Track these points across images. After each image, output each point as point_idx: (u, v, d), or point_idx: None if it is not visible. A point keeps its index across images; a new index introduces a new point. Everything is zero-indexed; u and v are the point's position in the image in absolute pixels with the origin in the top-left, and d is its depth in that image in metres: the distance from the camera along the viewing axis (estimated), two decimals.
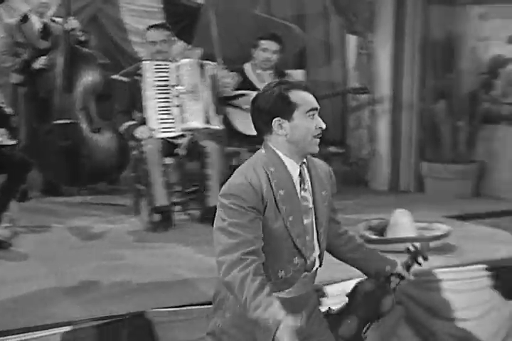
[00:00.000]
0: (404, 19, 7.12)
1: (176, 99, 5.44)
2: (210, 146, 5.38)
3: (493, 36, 6.92)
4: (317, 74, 8.71)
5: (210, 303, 2.70)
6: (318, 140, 2.57)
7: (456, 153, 6.99)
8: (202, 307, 3.57)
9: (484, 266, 4.38)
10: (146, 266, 4.40)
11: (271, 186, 2.48)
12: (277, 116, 2.51)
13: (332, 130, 9.04)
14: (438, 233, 4.72)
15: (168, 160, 5.42)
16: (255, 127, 2.60)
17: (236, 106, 5.80)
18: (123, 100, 5.54)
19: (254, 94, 5.67)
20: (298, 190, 2.56)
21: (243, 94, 5.80)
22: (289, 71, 6.29)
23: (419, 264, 2.82)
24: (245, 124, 5.78)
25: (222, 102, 5.79)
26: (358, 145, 7.53)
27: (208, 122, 5.52)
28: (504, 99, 6.85)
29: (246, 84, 5.86)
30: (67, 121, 6.04)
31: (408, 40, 7.16)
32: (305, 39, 7.73)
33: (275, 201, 2.48)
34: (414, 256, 2.80)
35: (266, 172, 2.50)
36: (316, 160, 2.72)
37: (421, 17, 7.14)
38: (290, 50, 6.60)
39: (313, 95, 2.58)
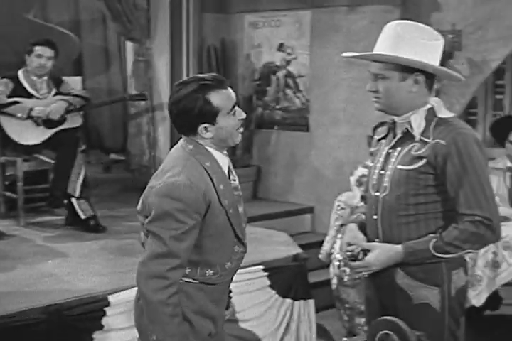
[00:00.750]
0: (180, 26, 7.22)
1: None
2: None
3: (264, 44, 7.19)
4: (95, 81, 8.63)
5: None
6: (241, 129, 2.58)
7: (234, 157, 7.19)
8: None
9: (261, 266, 4.54)
10: None
11: (212, 182, 2.47)
12: (203, 123, 2.48)
13: (112, 137, 9.01)
14: None
15: None
16: (177, 127, 2.57)
17: (9, 114, 5.59)
18: None
19: (28, 101, 5.61)
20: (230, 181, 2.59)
21: (17, 102, 5.61)
22: (65, 78, 6.16)
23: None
24: (19, 133, 5.60)
25: None
26: (139, 152, 7.51)
27: None
28: (275, 105, 7.15)
29: (20, 91, 5.68)
30: None
31: (185, 47, 7.27)
32: (81, 45, 7.63)
33: (218, 197, 2.48)
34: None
35: (204, 168, 2.48)
36: None
37: (196, 25, 7.27)
38: (66, 57, 6.48)
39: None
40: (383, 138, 2.83)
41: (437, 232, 2.56)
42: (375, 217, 2.69)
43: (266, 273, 4.55)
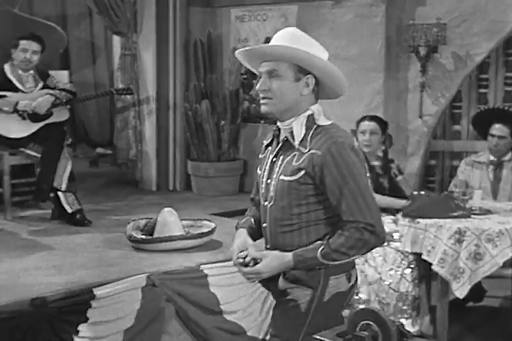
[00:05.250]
0: (166, 20, 7.23)
1: None
2: None
3: (251, 38, 7.21)
4: (82, 74, 8.64)
5: None
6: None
7: (220, 151, 7.22)
8: None
9: None
10: None
11: None
12: None
13: (99, 131, 9.03)
14: (205, 230, 4.85)
15: None
16: None
17: None
18: None
19: (14, 95, 5.62)
20: None
21: (4, 96, 5.62)
22: (52, 72, 6.16)
23: None
24: (6, 127, 5.61)
25: None
26: (126, 146, 7.53)
27: None
28: None
29: (6, 85, 5.69)
30: None
31: (171, 41, 7.28)
32: (68, 39, 7.62)
33: None
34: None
35: None
36: None
37: (182, 19, 7.29)
38: (52, 51, 6.46)
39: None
40: (269, 144, 2.78)
41: (324, 239, 2.57)
42: (264, 225, 2.72)
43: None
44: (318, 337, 2.35)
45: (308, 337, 2.56)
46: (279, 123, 2.68)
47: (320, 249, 2.53)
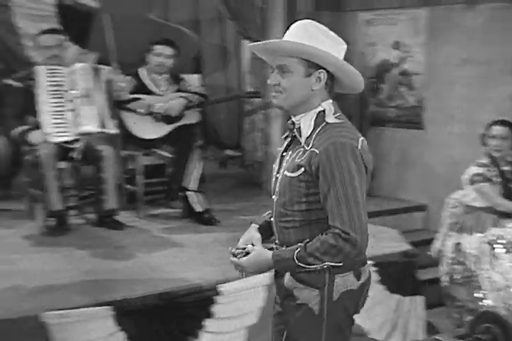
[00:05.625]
0: None
1: (70, 104, 5.42)
2: (106, 150, 5.41)
3: (379, 41, 7.20)
4: (213, 78, 8.82)
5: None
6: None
7: None
8: (95, 308, 3.65)
9: (371, 261, 4.58)
10: (40, 269, 4.41)
11: None
12: None
13: (228, 134, 9.20)
14: None
15: (63, 165, 5.42)
16: None
17: (131, 110, 5.85)
18: (15, 105, 5.49)
19: (149, 98, 5.85)
20: None
21: (138, 98, 5.86)
22: (184, 75, 6.37)
23: None
24: (140, 128, 5.85)
25: (118, 106, 5.84)
26: (253, 148, 7.66)
27: (102, 126, 5.54)
28: (389, 103, 7.14)
29: (141, 88, 5.93)
30: None
31: None
32: (200, 44, 7.83)
33: None
34: None
35: None
36: None
37: None
38: (185, 55, 6.68)
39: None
40: (286, 137, 2.74)
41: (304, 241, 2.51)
42: (272, 219, 2.70)
43: (375, 269, 4.59)
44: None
45: (329, 339, 2.54)
46: (292, 117, 2.65)
47: (297, 250, 2.47)
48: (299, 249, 2.47)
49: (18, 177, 6.17)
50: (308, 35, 2.54)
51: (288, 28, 2.63)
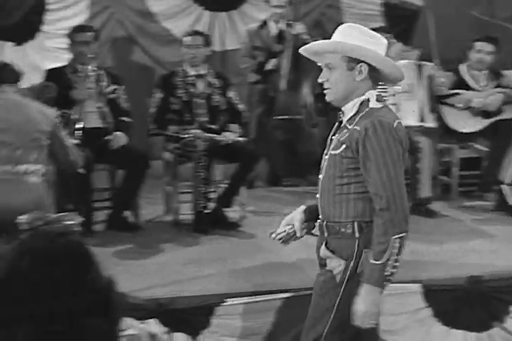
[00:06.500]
0: None
1: (391, 98, 5.74)
2: (424, 142, 5.68)
3: None
4: None
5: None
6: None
7: None
8: (405, 285, 3.98)
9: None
10: None
11: None
12: None
13: None
14: None
15: None
16: None
17: (450, 105, 6.08)
18: None
19: (468, 93, 6.03)
20: None
21: (457, 93, 6.07)
22: (505, 71, 6.41)
23: None
24: (458, 122, 6.06)
25: (438, 101, 6.10)
26: None
27: (422, 120, 5.83)
28: None
29: (460, 83, 6.13)
30: (289, 117, 6.62)
31: None
32: None
33: None
34: None
35: None
36: None
37: None
38: (507, 51, 6.71)
39: None
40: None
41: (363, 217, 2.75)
42: (317, 196, 2.90)
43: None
44: None
45: (342, 305, 2.74)
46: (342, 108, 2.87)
47: (365, 256, 2.70)
48: (367, 254, 2.70)
49: None
50: (348, 34, 2.82)
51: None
